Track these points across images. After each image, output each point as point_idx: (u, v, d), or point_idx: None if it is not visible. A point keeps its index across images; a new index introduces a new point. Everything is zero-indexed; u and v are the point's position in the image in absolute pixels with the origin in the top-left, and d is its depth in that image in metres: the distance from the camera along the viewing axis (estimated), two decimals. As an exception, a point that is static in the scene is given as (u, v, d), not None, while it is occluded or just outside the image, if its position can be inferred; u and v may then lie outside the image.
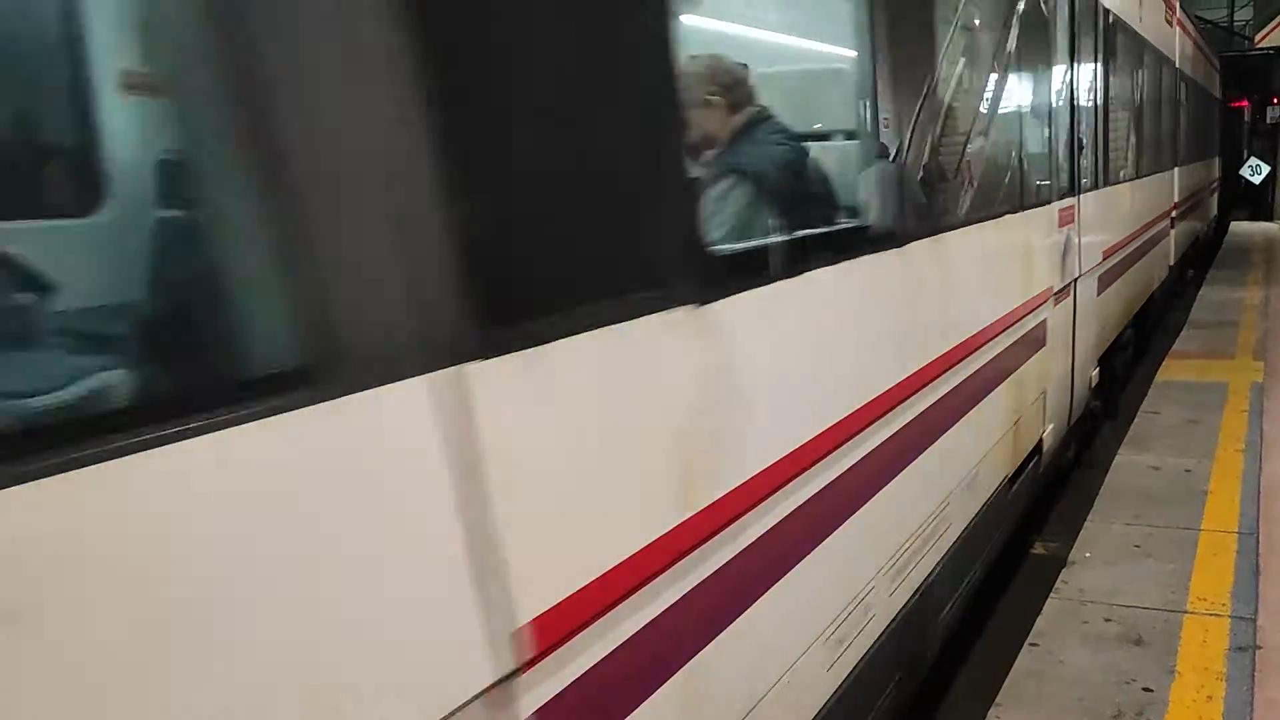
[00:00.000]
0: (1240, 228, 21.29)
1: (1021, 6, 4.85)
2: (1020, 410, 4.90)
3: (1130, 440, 6.52)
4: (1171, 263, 11.87)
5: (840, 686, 2.96)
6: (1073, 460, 6.88)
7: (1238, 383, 7.75)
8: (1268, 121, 24.42)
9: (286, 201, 1.35)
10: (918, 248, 3.42)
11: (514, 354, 1.64)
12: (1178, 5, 11.98)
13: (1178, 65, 11.70)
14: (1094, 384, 7.09)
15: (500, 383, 1.60)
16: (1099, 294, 6.97)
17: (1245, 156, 23.96)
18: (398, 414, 1.46)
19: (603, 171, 1.91)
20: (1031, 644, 3.97)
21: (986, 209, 4.38)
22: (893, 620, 3.34)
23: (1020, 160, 4.93)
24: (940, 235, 3.68)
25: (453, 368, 1.52)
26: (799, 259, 2.65)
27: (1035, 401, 5.24)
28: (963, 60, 4.15)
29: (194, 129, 1.40)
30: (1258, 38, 23.45)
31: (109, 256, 1.93)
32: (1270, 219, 22.28)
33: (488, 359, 1.58)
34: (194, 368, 1.38)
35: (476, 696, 1.57)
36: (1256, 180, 22.87)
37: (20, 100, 2.13)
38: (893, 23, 3.33)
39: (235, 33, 1.30)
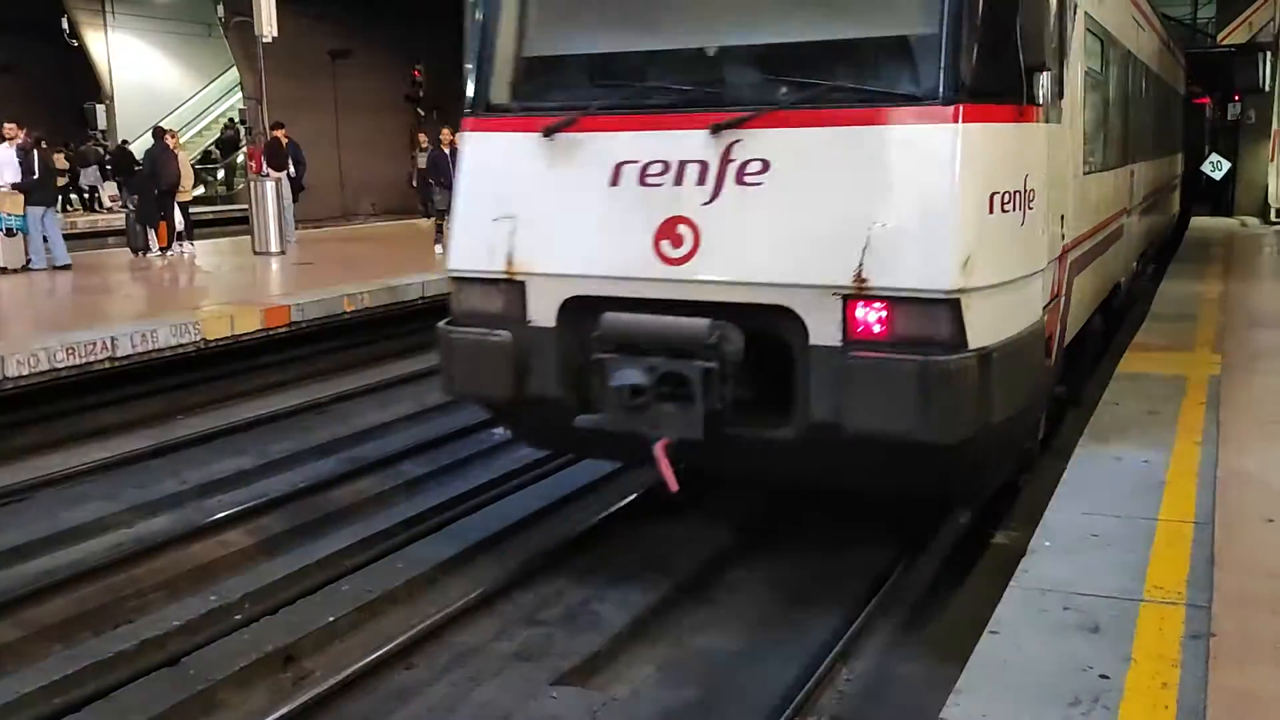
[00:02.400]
0: (1201, 223, 21.55)
1: None
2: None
3: (1091, 431, 6.58)
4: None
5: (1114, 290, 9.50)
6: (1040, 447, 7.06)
7: (1196, 375, 7.85)
8: (1229, 118, 24.67)
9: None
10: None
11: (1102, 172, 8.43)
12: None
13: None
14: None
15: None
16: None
17: (1207, 152, 24.19)
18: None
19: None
20: (991, 631, 4.00)
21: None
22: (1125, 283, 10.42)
23: None
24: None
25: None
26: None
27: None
28: None
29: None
30: (1220, 36, 23.72)
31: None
32: (1230, 214, 22.56)
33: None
34: None
35: (1052, 261, 5.96)
36: (1217, 176, 23.12)
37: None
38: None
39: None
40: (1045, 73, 5.53)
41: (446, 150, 16.20)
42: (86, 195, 27.50)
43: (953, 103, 5.05)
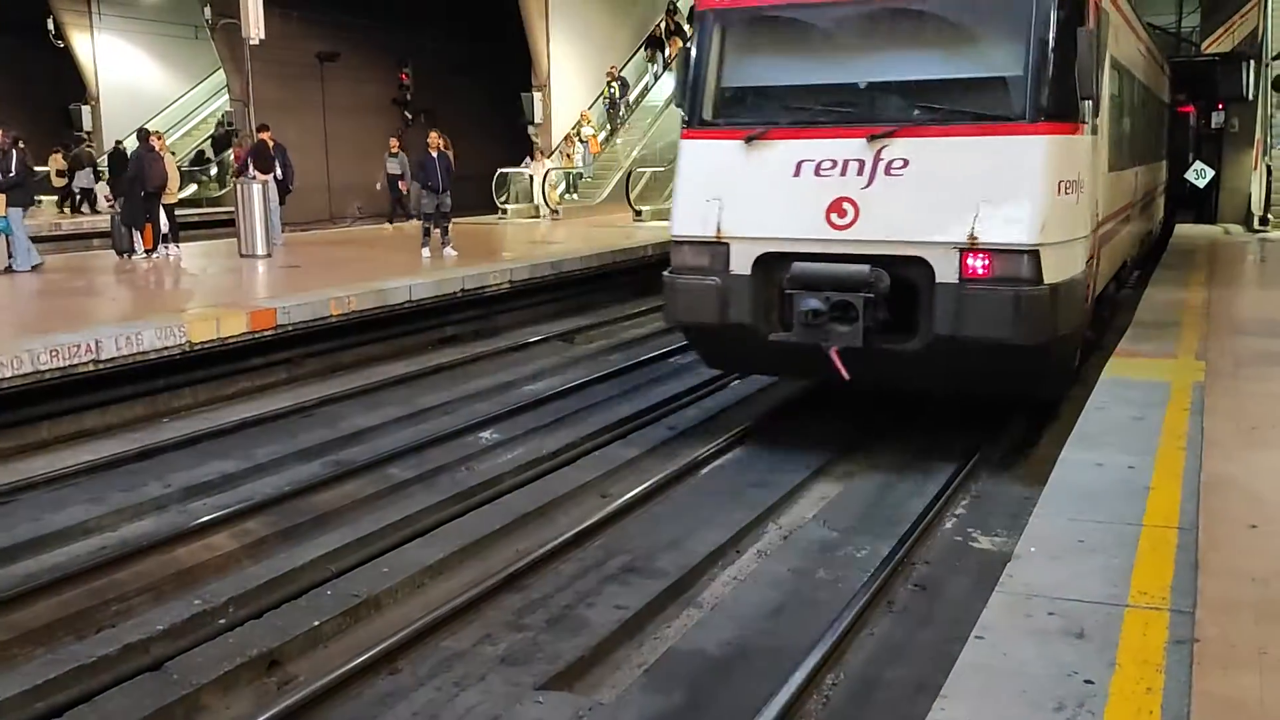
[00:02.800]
0: (1185, 230, 21.67)
1: None
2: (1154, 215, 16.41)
3: (1076, 437, 6.61)
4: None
5: (1125, 260, 12.29)
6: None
7: (1180, 382, 7.89)
8: (1213, 126, 24.84)
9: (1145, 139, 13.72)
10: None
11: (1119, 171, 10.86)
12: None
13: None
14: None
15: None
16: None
17: (1191, 160, 24.32)
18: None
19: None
20: (977, 637, 4.02)
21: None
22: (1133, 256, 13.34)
23: None
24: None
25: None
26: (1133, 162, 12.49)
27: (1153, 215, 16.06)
28: None
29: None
30: (1204, 44, 23.88)
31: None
32: (1214, 222, 22.70)
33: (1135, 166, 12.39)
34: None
35: (1091, 232, 8.60)
36: (1201, 184, 23.25)
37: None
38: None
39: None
40: (1089, 101, 8.11)
41: (434, 154, 16.16)
42: (78, 196, 27.37)
43: (1035, 122, 7.67)
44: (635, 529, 7.30)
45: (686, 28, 28.54)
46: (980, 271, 7.53)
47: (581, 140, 25.38)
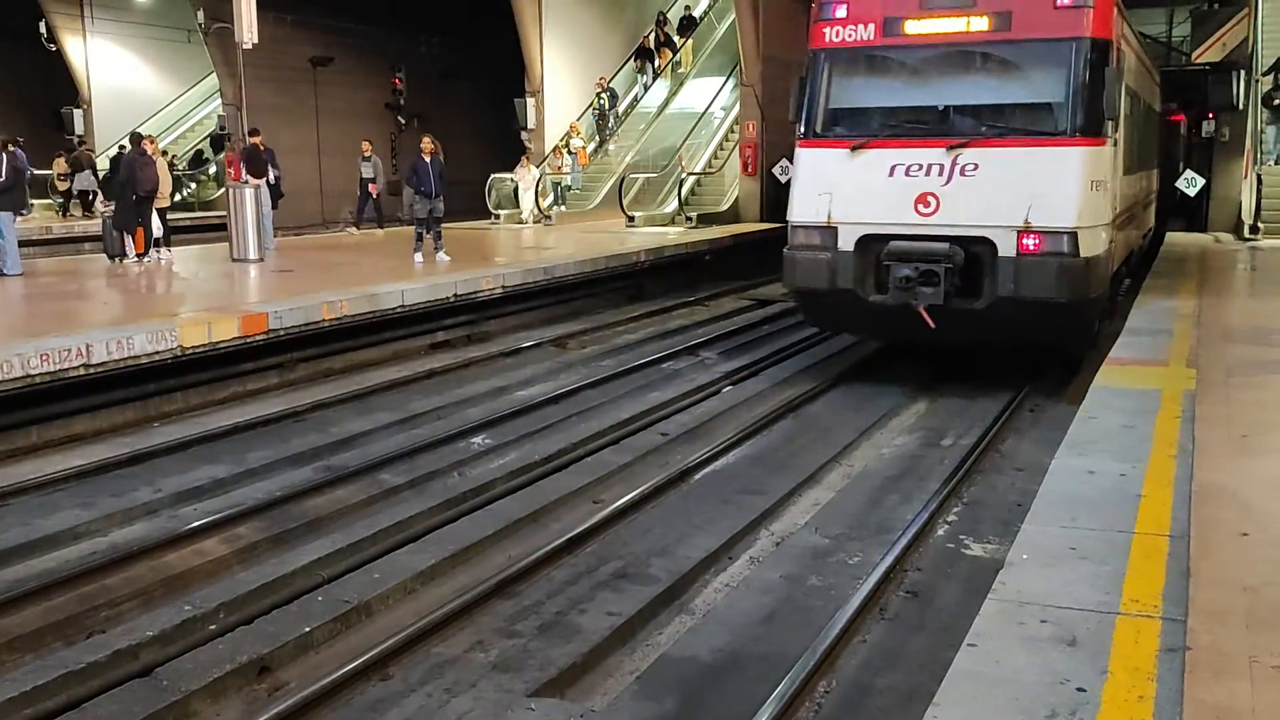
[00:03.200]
0: (1176, 238, 21.75)
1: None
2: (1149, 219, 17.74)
3: (1067, 444, 6.63)
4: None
5: (1134, 251, 14.95)
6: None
7: (1172, 390, 7.92)
8: (1203, 135, 24.94)
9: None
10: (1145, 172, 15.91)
11: (1129, 175, 13.00)
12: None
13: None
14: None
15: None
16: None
17: (1181, 169, 24.43)
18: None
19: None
20: (969, 644, 4.02)
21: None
22: (1136, 249, 15.42)
23: None
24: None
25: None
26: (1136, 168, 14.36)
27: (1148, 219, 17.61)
28: None
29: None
30: (1195, 54, 24.00)
31: None
32: (1204, 230, 22.79)
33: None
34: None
35: (1111, 221, 10.92)
36: (1192, 193, 23.34)
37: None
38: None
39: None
40: (1111, 120, 10.49)
41: (427, 159, 16.14)
42: (75, 199, 27.33)
43: (1074, 137, 10.10)
44: (627, 535, 7.30)
45: (676, 39, 28.58)
46: (1033, 247, 9.92)
47: (570, 152, 25.23)
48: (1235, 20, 22.66)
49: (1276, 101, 19.01)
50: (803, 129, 11.14)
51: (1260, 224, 20.27)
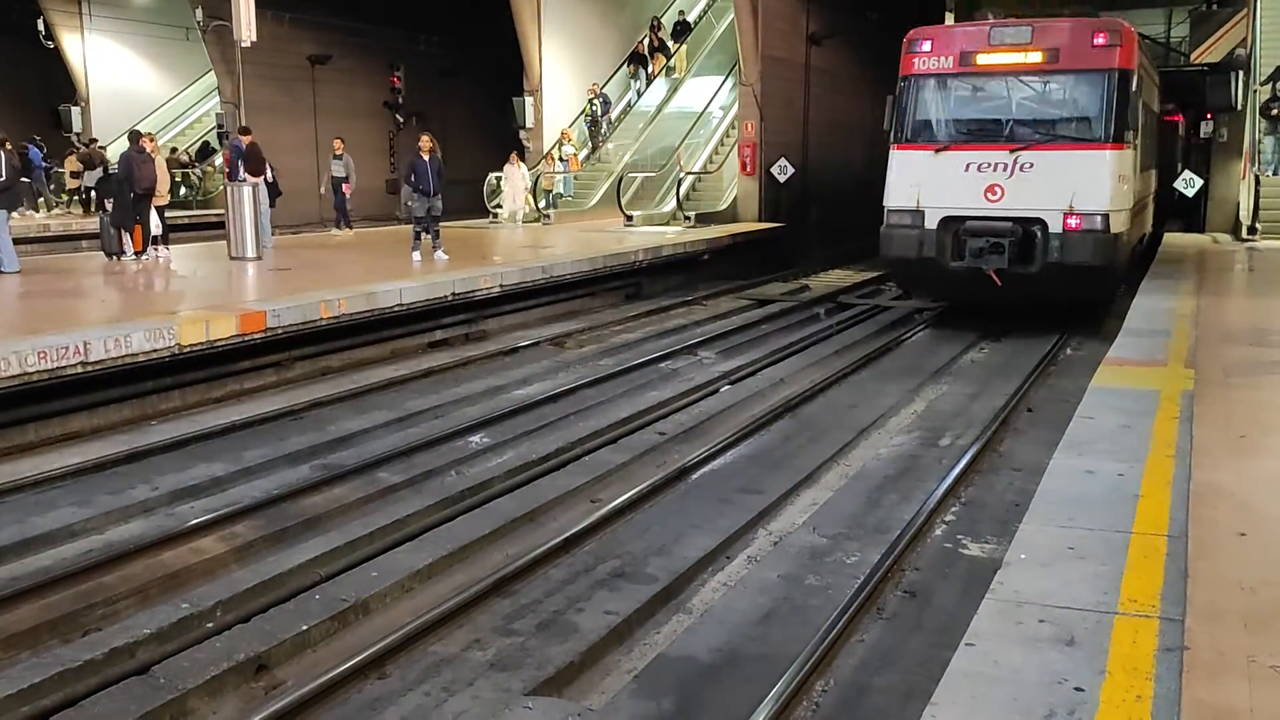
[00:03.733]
0: (1174, 239, 21.76)
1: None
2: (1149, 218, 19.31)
3: (1065, 444, 6.63)
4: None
5: (1145, 233, 17.98)
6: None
7: (1170, 390, 7.92)
8: (1202, 136, 24.97)
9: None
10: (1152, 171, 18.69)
11: (1142, 172, 15.96)
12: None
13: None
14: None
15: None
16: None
17: (1179, 170, 24.47)
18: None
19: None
20: (968, 644, 4.02)
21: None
22: (1145, 233, 17.99)
23: None
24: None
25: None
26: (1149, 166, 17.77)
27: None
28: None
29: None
30: (1193, 55, 24.02)
31: None
32: (1203, 231, 22.80)
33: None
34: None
35: (1131, 207, 14.28)
36: (1190, 193, 23.35)
37: None
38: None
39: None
40: (1131, 130, 13.67)
41: (425, 157, 16.13)
42: (81, 196, 27.34)
43: (1105, 144, 13.34)
44: (625, 534, 7.29)
45: (671, 44, 28.48)
46: (1075, 225, 13.31)
47: (562, 159, 25.04)
48: (1234, 21, 22.69)
49: (1274, 111, 19.09)
50: (896, 136, 14.67)
51: (1258, 224, 20.28)
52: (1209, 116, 23.05)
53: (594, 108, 26.81)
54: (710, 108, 27.16)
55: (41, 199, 28.13)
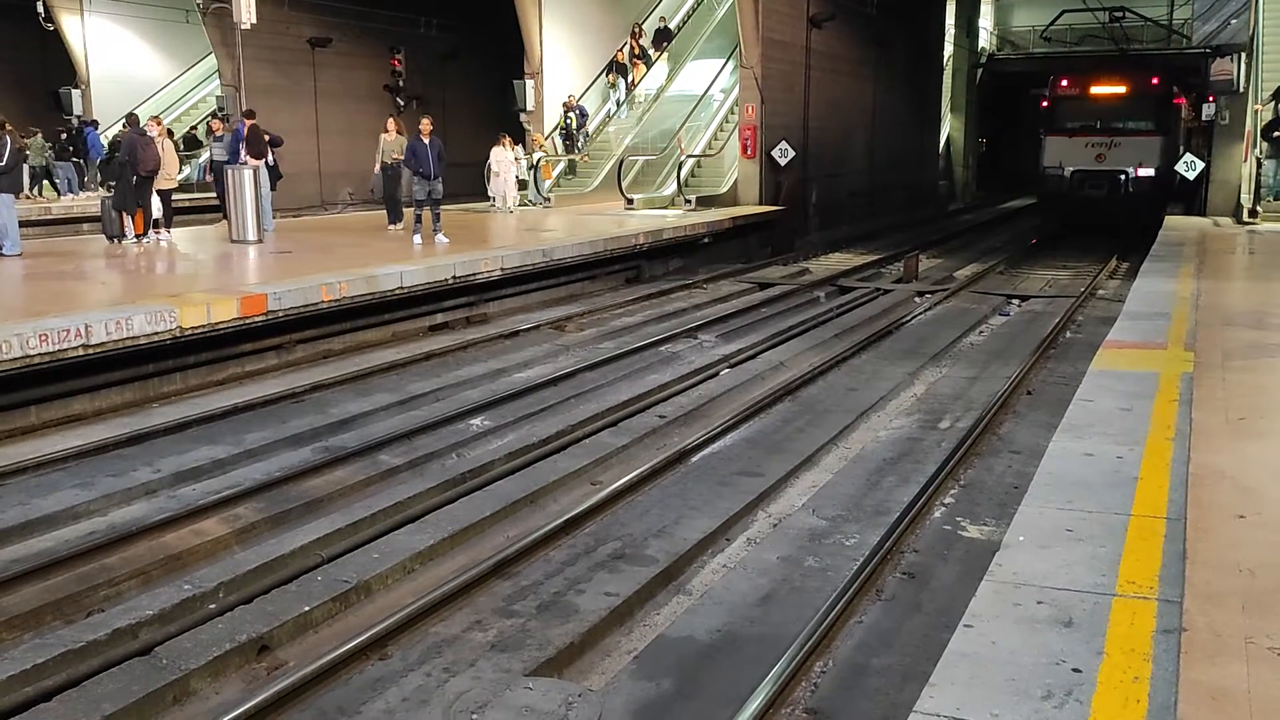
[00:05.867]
0: (1175, 221, 21.74)
1: None
2: None
3: (1065, 427, 6.64)
4: None
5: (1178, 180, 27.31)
6: None
7: (1169, 373, 7.93)
8: (1203, 119, 25.02)
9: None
10: None
11: None
12: None
13: None
14: None
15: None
16: None
17: (1181, 152, 24.59)
18: None
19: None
20: (966, 625, 4.04)
21: None
22: None
23: None
24: None
25: None
26: None
27: None
28: None
29: None
30: (1196, 37, 23.93)
31: None
32: (1204, 214, 22.77)
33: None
34: None
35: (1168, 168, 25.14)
36: (1191, 176, 23.33)
37: None
38: None
39: None
40: (1173, 127, 26.87)
41: (426, 141, 16.10)
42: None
43: (1161, 134, 25.52)
44: (625, 516, 7.32)
45: (652, 52, 28.05)
46: (1140, 175, 24.66)
47: (534, 166, 24.13)
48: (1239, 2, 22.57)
49: (1276, 134, 19.20)
50: (1049, 127, 26.17)
51: (1259, 207, 20.24)
52: (1211, 99, 22.99)
53: (569, 121, 25.66)
54: (711, 90, 27.06)
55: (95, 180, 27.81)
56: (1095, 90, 25.54)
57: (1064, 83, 26.17)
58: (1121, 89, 25.53)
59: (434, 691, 5.12)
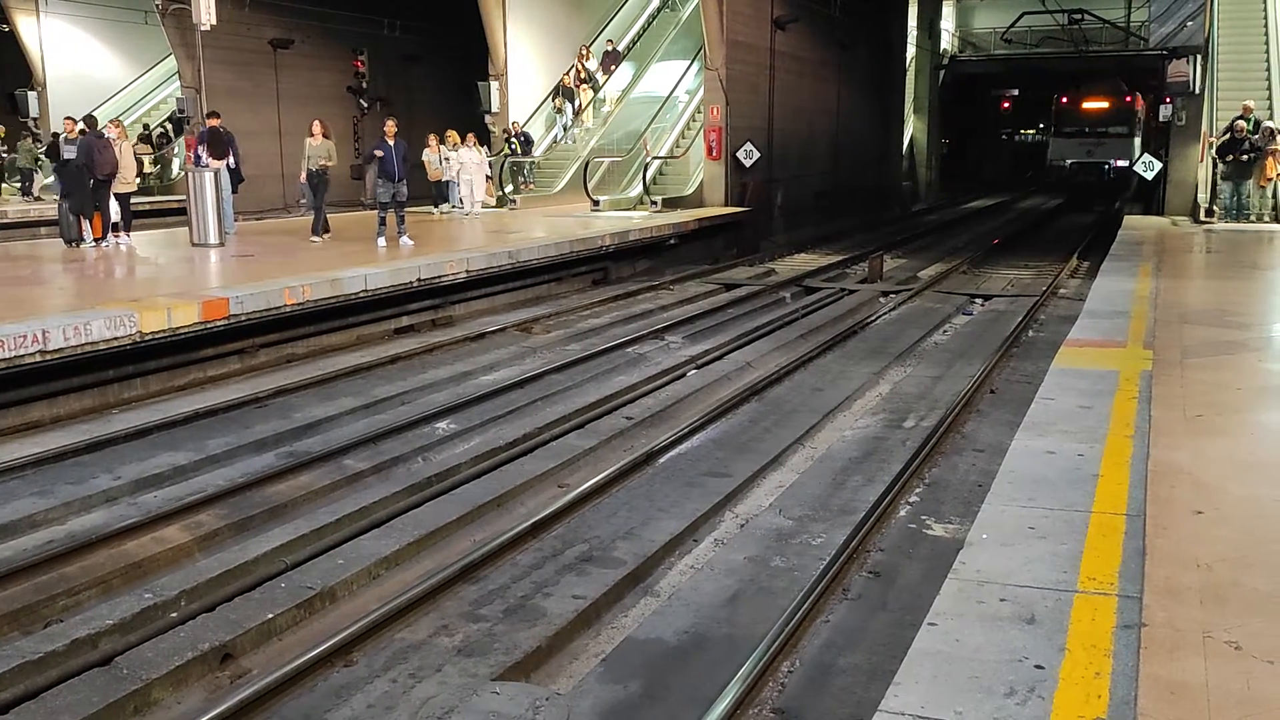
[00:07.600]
0: (1133, 221, 22.01)
1: None
2: None
3: (1027, 425, 6.71)
4: None
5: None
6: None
7: (1129, 371, 8.02)
8: (1161, 120, 25.27)
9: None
10: None
11: None
12: None
13: None
14: None
15: None
16: None
17: (1138, 154, 24.92)
18: None
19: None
20: (930, 624, 4.06)
21: None
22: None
23: None
24: None
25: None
26: None
27: None
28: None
29: None
30: (1152, 40, 24.24)
31: None
32: (1162, 214, 23.07)
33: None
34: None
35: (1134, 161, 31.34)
36: (1149, 176, 23.63)
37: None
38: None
39: None
40: (1140, 131, 40.14)
41: (390, 143, 16.00)
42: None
43: (1132, 137, 38.98)
44: (592, 519, 7.31)
45: (601, 77, 27.60)
46: (1119, 165, 37.89)
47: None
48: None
49: (1230, 157, 19.42)
50: (1055, 131, 40.58)
51: (1216, 207, 20.54)
52: (1168, 100, 23.29)
53: (512, 146, 25.00)
54: (676, 92, 27.11)
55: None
56: (1086, 105, 39.19)
57: (1064, 100, 39.72)
58: (1105, 104, 38.91)
59: (400, 698, 5.09)
